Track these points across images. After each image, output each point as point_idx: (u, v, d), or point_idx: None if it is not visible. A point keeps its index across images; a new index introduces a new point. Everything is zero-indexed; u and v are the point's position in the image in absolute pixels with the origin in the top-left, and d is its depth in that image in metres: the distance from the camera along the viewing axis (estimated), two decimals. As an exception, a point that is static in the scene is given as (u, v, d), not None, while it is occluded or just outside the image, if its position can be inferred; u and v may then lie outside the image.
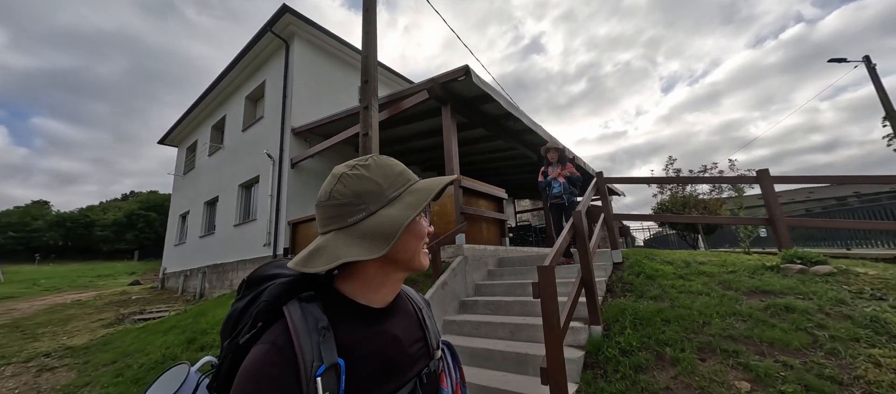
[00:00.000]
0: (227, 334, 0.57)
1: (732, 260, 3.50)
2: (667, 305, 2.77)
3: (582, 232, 2.96)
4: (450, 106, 5.07)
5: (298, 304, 0.53)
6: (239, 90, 10.32)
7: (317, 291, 0.56)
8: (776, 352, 2.08)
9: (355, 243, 0.51)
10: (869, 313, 2.22)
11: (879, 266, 3.24)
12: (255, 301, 0.56)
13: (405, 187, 0.57)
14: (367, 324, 0.55)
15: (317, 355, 0.48)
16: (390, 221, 0.52)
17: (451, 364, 0.68)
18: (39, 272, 25.52)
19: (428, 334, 0.64)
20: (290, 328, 0.49)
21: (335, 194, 0.54)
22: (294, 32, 8.35)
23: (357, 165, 0.57)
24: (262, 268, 0.63)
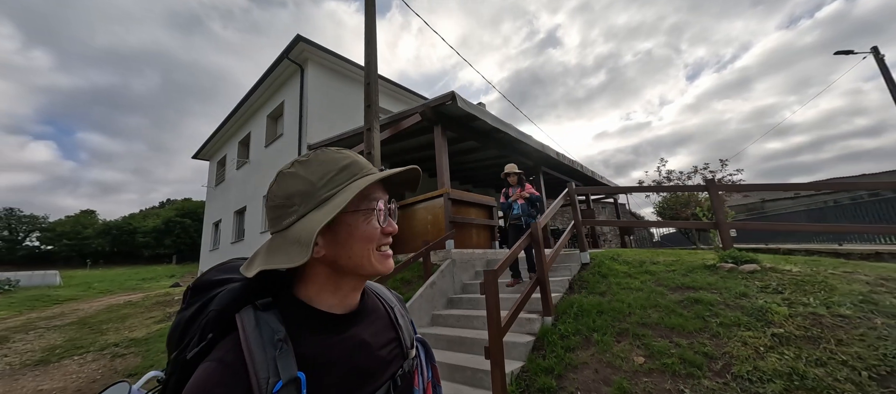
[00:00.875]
0: (174, 347, 0.52)
1: (682, 260, 3.99)
2: (607, 299, 3.33)
3: (539, 239, 3.56)
4: (440, 126, 5.73)
5: (253, 312, 0.48)
6: (261, 110, 11.37)
7: (275, 297, 0.51)
8: (674, 335, 2.64)
9: (283, 249, 0.47)
10: (759, 304, 2.73)
11: (811, 262, 3.66)
12: (201, 310, 0.52)
13: (345, 184, 0.50)
14: (329, 332, 0.51)
15: (272, 370, 0.43)
16: (311, 225, 0.47)
17: (425, 363, 0.65)
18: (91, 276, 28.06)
19: (401, 333, 0.61)
20: (242, 342, 0.45)
21: (271, 196, 0.51)
22: (307, 57, 9.24)
23: (299, 160, 0.52)
24: (210, 272, 0.58)
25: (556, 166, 8.82)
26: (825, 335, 2.35)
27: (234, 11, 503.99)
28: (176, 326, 0.54)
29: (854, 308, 2.54)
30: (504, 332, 2.72)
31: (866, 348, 2.21)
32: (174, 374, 0.49)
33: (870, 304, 2.57)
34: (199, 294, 0.55)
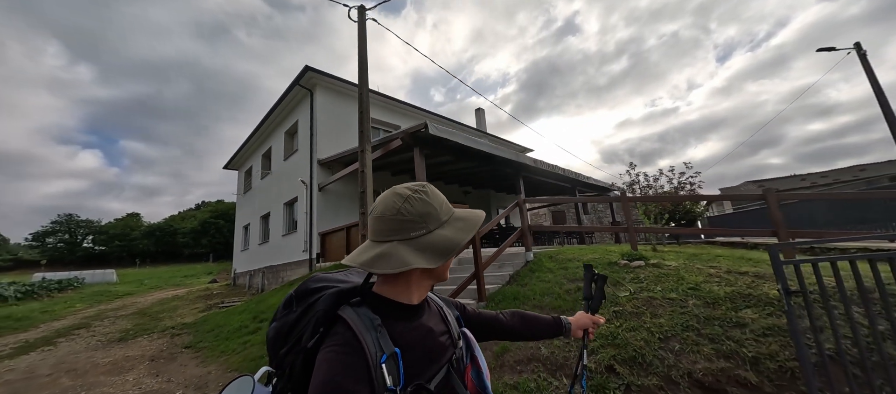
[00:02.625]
0: (282, 344, 0.68)
1: (602, 257, 4.98)
2: (524, 289, 4.42)
3: (477, 246, 4.67)
4: (418, 147, 6.90)
5: (351, 309, 0.64)
6: (279, 127, 12.92)
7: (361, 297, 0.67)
8: (550, 311, 3.71)
9: (417, 254, 0.62)
10: (611, 291, 3.76)
11: (702, 257, 4.57)
12: (307, 311, 0.68)
13: (451, 213, 0.70)
14: (408, 319, 0.67)
15: (377, 346, 0.58)
16: (448, 240, 0.65)
17: (465, 352, 0.79)
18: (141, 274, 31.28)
19: (450, 326, 0.77)
20: (353, 327, 0.60)
21: (403, 212, 0.65)
22: (315, 83, 10.61)
23: (418, 189, 0.69)
24: (306, 283, 0.75)
25: (535, 171, 9.77)
26: (646, 312, 3.38)
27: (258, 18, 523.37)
28: (282, 326, 0.69)
29: (681, 293, 3.53)
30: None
31: (668, 320, 3.23)
32: (298, 360, 0.63)
33: (695, 290, 3.55)
34: (302, 299, 0.71)
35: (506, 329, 1.04)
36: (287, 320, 0.69)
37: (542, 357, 3.21)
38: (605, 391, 2.79)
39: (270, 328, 0.72)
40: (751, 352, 2.80)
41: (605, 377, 2.89)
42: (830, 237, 3.64)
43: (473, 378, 0.77)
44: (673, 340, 3.04)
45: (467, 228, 0.68)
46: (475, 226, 0.69)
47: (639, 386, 2.77)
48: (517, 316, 1.07)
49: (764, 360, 2.73)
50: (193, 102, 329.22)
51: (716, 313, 3.22)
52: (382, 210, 0.66)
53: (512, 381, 3.05)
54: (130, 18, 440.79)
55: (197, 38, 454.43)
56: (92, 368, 5.01)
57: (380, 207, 0.67)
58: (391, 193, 0.68)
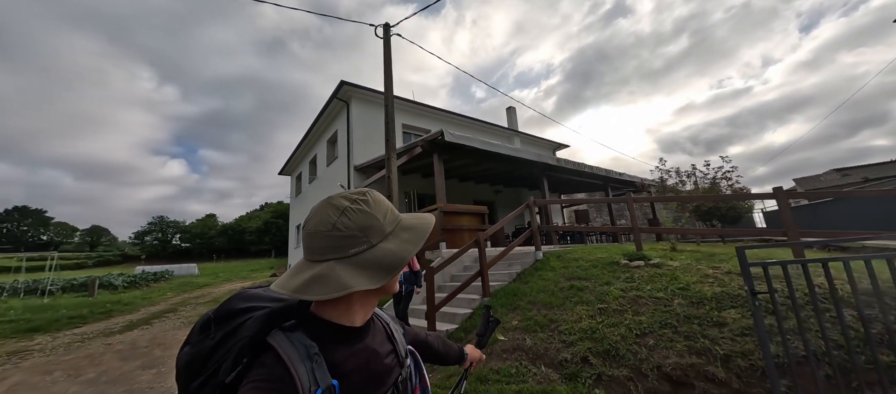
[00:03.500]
0: (195, 375, 0.57)
1: (606, 257, 5.11)
2: (525, 286, 4.73)
3: (481, 246, 5.07)
4: (437, 153, 7.41)
5: (283, 334, 0.55)
6: (322, 136, 14.22)
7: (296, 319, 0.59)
8: (543, 308, 4.01)
9: (357, 273, 0.55)
10: (602, 290, 3.95)
11: (703, 257, 4.54)
12: (228, 338, 0.57)
13: (396, 223, 0.63)
14: (351, 343, 0.60)
15: (311, 379, 0.51)
16: (393, 255, 0.58)
17: (414, 370, 0.75)
18: (217, 268, 35.61)
19: (397, 345, 0.71)
20: (283, 357, 0.52)
21: (340, 226, 0.56)
22: (351, 95, 11.59)
23: (357, 199, 0.60)
24: (229, 303, 0.64)
25: (560, 170, 9.79)
26: (630, 309, 3.56)
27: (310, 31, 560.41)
28: (195, 355, 0.58)
29: (668, 293, 3.65)
30: (438, 308, 4.39)
31: (649, 317, 3.39)
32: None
33: (684, 290, 3.64)
34: (223, 323, 0.60)
35: (434, 352, 1.02)
36: (203, 346, 0.58)
37: (525, 347, 3.56)
38: (578, 380, 3.08)
39: (181, 353, 0.60)
40: (723, 350, 2.92)
41: (579, 367, 3.18)
42: (844, 238, 3.45)
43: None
44: (649, 336, 3.23)
45: (415, 239, 0.62)
46: (424, 234, 0.63)
47: (609, 376, 3.03)
48: (439, 340, 1.05)
49: (735, 358, 2.85)
50: (256, 112, 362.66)
51: (698, 312, 3.33)
52: (315, 225, 0.58)
53: (496, 367, 3.45)
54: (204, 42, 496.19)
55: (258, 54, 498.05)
56: (176, 343, 6.25)
57: (313, 222, 0.59)
58: (326, 204, 0.60)
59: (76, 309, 9.88)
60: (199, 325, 0.62)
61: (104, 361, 5.35)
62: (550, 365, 3.32)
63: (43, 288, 13.53)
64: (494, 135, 15.82)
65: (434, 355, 1.02)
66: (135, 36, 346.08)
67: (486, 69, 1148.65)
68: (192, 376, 0.57)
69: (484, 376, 3.35)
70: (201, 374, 0.56)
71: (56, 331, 7.77)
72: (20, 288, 13.46)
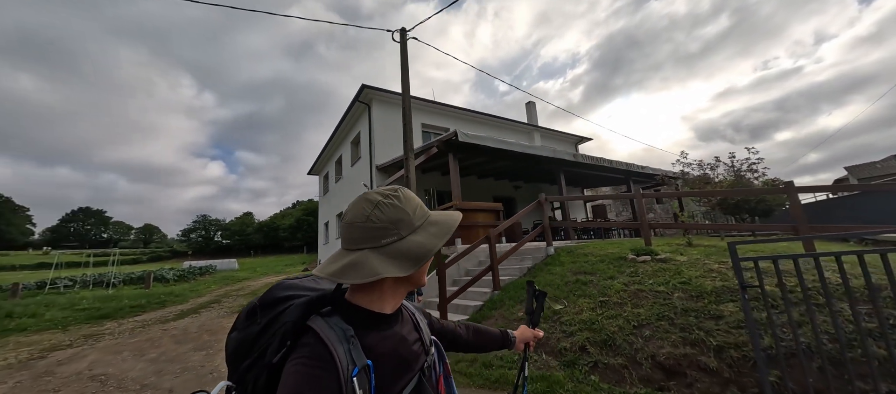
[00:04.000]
0: (244, 357, 0.64)
1: (617, 252, 5.21)
2: (536, 280, 4.93)
3: (492, 242, 5.32)
4: (451, 153, 7.70)
5: (322, 319, 0.61)
6: (346, 138, 14.88)
7: (333, 306, 0.65)
8: (550, 301, 4.22)
9: (388, 262, 0.59)
10: (605, 284, 4.10)
11: (712, 253, 4.55)
12: (273, 323, 0.64)
13: (425, 218, 0.67)
14: (381, 329, 0.65)
15: (349, 359, 0.56)
16: (421, 246, 0.62)
17: (437, 360, 0.80)
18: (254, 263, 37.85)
19: (422, 334, 0.76)
20: (324, 338, 0.57)
21: (373, 218, 0.62)
22: (372, 98, 12.08)
23: (390, 194, 0.66)
24: (272, 291, 0.71)
25: (576, 166, 9.78)
26: (630, 302, 3.71)
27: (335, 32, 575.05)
28: (244, 339, 0.65)
29: (670, 287, 3.75)
30: (449, 300, 4.70)
31: (647, 310, 3.53)
32: (262, 376, 0.60)
33: (685, 284, 3.73)
34: (267, 310, 0.67)
35: (462, 342, 1.04)
36: (250, 331, 0.65)
37: (529, 337, 3.81)
38: (575, 366, 3.31)
39: (230, 339, 0.68)
40: (717, 341, 3.04)
41: (577, 355, 3.39)
42: (856, 231, 3.38)
43: (445, 386, 0.79)
44: (646, 327, 3.38)
45: (442, 233, 0.66)
46: (450, 229, 0.68)
47: (605, 364, 3.23)
48: (472, 329, 1.07)
49: (728, 349, 2.97)
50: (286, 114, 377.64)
51: (697, 305, 3.43)
52: (352, 217, 0.64)
53: (500, 354, 3.73)
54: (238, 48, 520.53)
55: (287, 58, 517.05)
56: (222, 329, 7.00)
57: (350, 214, 0.65)
58: (362, 198, 0.66)
59: (136, 299, 11.11)
60: (246, 312, 0.68)
61: (162, 344, 6.13)
62: (551, 353, 3.55)
63: (107, 281, 15.20)
64: (513, 131, 15.85)
65: (464, 344, 1.04)
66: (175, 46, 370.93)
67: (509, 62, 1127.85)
68: (240, 359, 0.64)
69: (488, 362, 3.64)
70: (249, 356, 0.63)
71: (121, 318, 8.86)
72: (89, 281, 15.19)
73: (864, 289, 2.87)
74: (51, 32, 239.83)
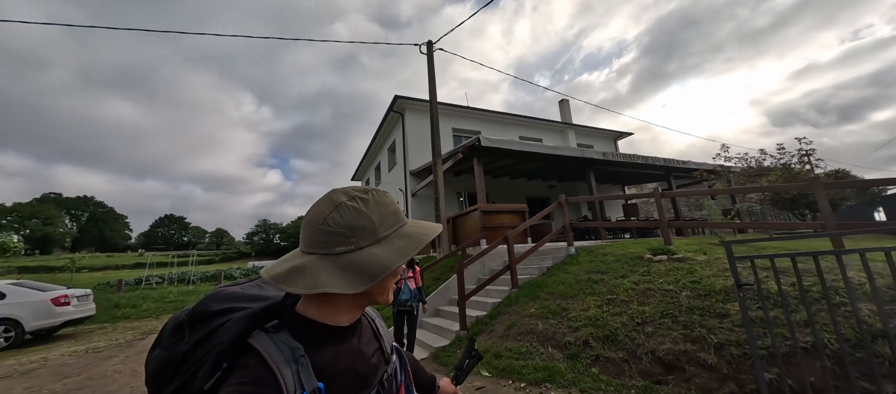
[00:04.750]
0: (166, 382, 0.54)
1: (630, 251, 5.23)
2: (549, 279, 5.15)
3: (510, 244, 5.60)
4: (476, 158, 8.04)
5: (266, 336, 0.53)
6: (384, 145, 15.81)
7: (280, 320, 0.57)
8: (559, 298, 4.43)
9: (338, 274, 0.51)
10: (615, 282, 4.20)
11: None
12: (205, 341, 0.55)
13: (395, 228, 0.58)
14: (336, 344, 0.58)
15: (297, 382, 0.49)
16: (378, 262, 0.53)
17: (399, 367, 0.73)
18: (307, 263, 41.04)
19: (382, 342, 0.70)
20: (268, 360, 0.50)
21: (329, 222, 0.54)
22: (405, 107, 12.79)
23: (356, 196, 0.57)
24: (204, 303, 0.60)
25: (607, 164, 9.60)
26: (637, 300, 3.81)
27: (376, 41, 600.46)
28: (167, 360, 0.55)
29: (679, 286, 3.79)
30: (467, 297, 5.08)
31: (652, 308, 3.63)
32: None
33: (695, 283, 3.75)
34: (198, 327, 0.56)
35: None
36: (175, 351, 0.55)
37: (537, 331, 4.07)
38: (578, 359, 3.53)
39: (151, 358, 0.57)
40: (718, 338, 3.11)
41: (581, 349, 3.61)
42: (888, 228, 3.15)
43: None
44: (649, 324, 3.50)
45: (408, 249, 0.57)
46: (420, 243, 0.58)
47: (606, 358, 3.42)
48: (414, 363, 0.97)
49: (729, 346, 3.04)
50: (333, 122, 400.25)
51: (703, 303, 3.48)
52: (310, 217, 0.56)
53: (512, 346, 4.04)
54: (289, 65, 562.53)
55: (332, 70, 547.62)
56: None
57: (309, 213, 0.57)
58: (326, 197, 0.58)
59: (210, 294, 12.92)
60: (171, 327, 0.58)
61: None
62: (556, 346, 3.79)
63: (188, 278, 17.62)
64: (546, 130, 15.72)
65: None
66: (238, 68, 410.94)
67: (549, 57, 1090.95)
68: (163, 384, 0.55)
69: (498, 353, 3.97)
70: (174, 380, 0.54)
71: (199, 310, 10.43)
72: (174, 278, 17.74)
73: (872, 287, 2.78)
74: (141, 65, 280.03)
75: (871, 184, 5.17)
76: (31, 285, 7.68)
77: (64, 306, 7.44)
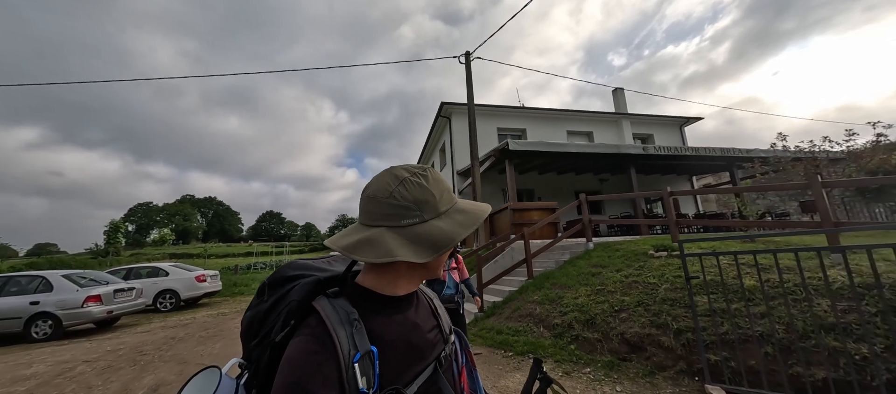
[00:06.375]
0: (254, 335, 0.63)
1: (635, 248, 5.50)
2: (558, 271, 5.73)
3: (527, 239, 6.27)
4: (507, 159, 8.71)
5: (327, 300, 0.58)
6: (436, 147, 17.10)
7: (340, 287, 0.62)
8: (559, 288, 5.04)
9: (405, 245, 0.54)
10: (610, 276, 4.66)
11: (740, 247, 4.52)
12: (280, 302, 0.62)
13: (452, 204, 0.62)
14: (391, 313, 0.61)
15: (351, 343, 0.52)
16: (442, 233, 0.56)
17: (460, 350, 0.74)
18: (379, 254, 45.09)
19: (440, 321, 0.71)
20: (325, 321, 0.54)
21: (396, 195, 0.57)
22: (452, 112, 13.82)
23: (418, 173, 0.60)
24: (282, 270, 0.70)
25: (647, 158, 9.38)
26: (621, 291, 4.29)
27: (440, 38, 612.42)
28: (254, 317, 0.65)
29: (661, 279, 4.17)
30: (485, 286, 5.94)
31: (631, 298, 4.10)
32: (265, 355, 0.59)
33: (677, 278, 4.09)
34: (275, 288, 0.66)
35: None
36: (259, 309, 0.65)
37: (534, 314, 4.80)
38: (561, 338, 4.22)
39: (244, 318, 0.67)
40: (679, 325, 3.58)
41: (565, 330, 4.27)
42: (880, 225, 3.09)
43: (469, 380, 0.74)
44: (624, 312, 4.02)
45: (468, 223, 0.60)
46: (478, 220, 0.61)
47: (584, 337, 4.06)
48: None
49: (686, 332, 3.49)
50: (402, 121, 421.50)
51: (676, 295, 3.87)
52: (374, 190, 0.59)
53: (512, 325, 4.84)
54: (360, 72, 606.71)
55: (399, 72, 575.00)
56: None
57: (372, 187, 0.60)
58: (387, 173, 0.61)
59: (298, 278, 15.83)
60: (258, 290, 0.68)
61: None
62: (547, 327, 4.49)
63: (283, 265, 21.46)
64: (597, 122, 15.33)
65: None
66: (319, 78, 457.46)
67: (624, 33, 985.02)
68: (251, 337, 0.64)
69: (500, 330, 4.81)
70: (258, 334, 0.62)
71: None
72: (274, 265, 21.66)
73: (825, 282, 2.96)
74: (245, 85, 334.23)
75: (869, 182, 4.44)
76: (182, 267, 10.67)
77: (202, 282, 10.23)
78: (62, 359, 5.24)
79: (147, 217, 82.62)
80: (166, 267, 10.17)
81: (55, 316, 6.74)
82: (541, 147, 8.47)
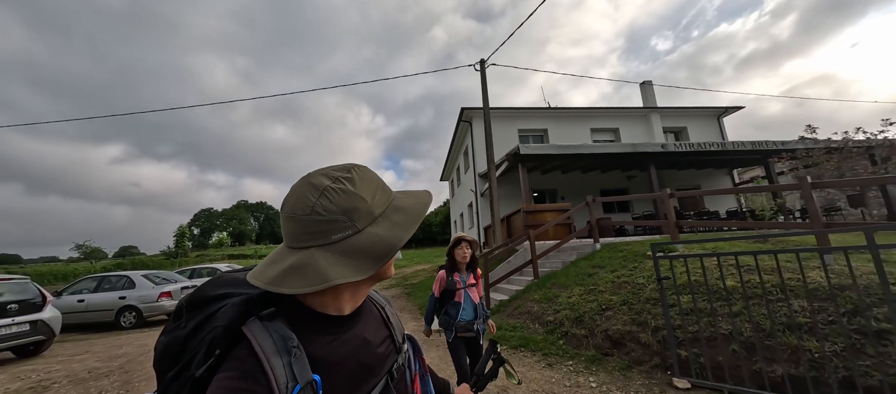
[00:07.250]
0: (170, 366, 0.52)
1: (636, 249, 5.61)
2: (561, 270, 5.99)
3: (532, 240, 6.59)
4: (520, 163, 8.99)
5: (260, 323, 0.50)
6: (460, 150, 17.59)
7: (277, 307, 0.53)
8: (558, 287, 5.33)
9: (341, 263, 0.48)
10: (605, 276, 4.88)
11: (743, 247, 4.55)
12: (202, 327, 0.52)
13: (388, 203, 0.56)
14: (336, 333, 0.55)
15: (289, 374, 0.46)
16: (382, 241, 0.51)
17: (413, 356, 0.71)
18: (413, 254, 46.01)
19: (393, 330, 0.67)
20: (257, 351, 0.47)
21: (318, 209, 0.50)
22: (472, 116, 14.23)
23: (340, 177, 0.53)
24: (204, 288, 0.58)
25: (666, 155, 9.17)
26: (610, 290, 4.53)
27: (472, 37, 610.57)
28: (169, 344, 0.53)
29: (647, 280, 4.35)
30: (492, 286, 6.35)
31: (618, 298, 4.34)
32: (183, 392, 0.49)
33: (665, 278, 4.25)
34: (196, 311, 0.55)
35: None
36: (176, 335, 0.53)
37: (532, 312, 5.15)
38: (552, 333, 4.56)
39: (157, 343, 0.55)
40: (656, 323, 3.81)
41: (556, 326, 4.61)
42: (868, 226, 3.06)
43: (421, 386, 0.71)
44: (610, 310, 4.28)
45: (409, 222, 0.54)
46: (418, 217, 0.55)
47: (573, 334, 4.38)
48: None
49: (662, 329, 3.71)
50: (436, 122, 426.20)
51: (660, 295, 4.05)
52: (292, 208, 0.51)
53: (511, 321, 5.23)
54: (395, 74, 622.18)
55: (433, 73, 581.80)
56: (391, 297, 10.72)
57: (289, 204, 0.52)
58: (304, 183, 0.53)
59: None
60: (174, 312, 0.57)
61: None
62: (541, 324, 4.84)
63: (323, 265, 23.03)
64: (624, 118, 14.93)
65: None
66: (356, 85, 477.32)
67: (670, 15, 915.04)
68: (166, 367, 0.52)
69: (499, 326, 5.22)
70: (175, 364, 0.52)
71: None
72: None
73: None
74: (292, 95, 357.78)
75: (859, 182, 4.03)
76: (237, 269, 12.15)
77: (251, 280, 11.62)
78: (144, 343, 6.45)
79: (209, 221, 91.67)
80: (222, 268, 11.66)
81: (138, 309, 8.18)
82: (551, 150, 8.64)
